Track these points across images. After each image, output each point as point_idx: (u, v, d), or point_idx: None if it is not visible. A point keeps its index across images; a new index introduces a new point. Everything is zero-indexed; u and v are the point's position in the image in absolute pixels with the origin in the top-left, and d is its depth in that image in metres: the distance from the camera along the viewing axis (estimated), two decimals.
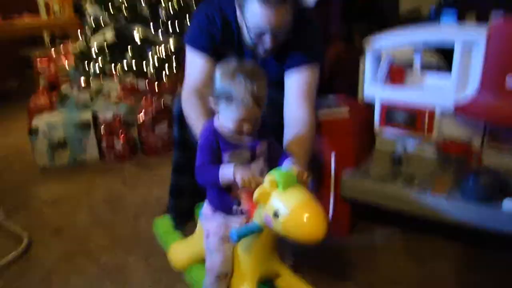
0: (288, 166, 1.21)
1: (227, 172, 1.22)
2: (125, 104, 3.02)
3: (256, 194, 1.13)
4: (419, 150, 1.85)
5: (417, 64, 1.77)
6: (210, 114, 1.36)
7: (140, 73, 3.24)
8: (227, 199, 1.30)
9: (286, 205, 1.08)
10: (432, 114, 1.68)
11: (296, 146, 1.46)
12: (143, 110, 2.94)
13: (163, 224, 1.80)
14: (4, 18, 4.43)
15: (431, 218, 1.61)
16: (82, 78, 3.30)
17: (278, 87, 1.65)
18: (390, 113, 1.77)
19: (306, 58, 1.61)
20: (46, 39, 5.10)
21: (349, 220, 1.90)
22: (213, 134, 1.28)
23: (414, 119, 1.72)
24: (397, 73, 1.76)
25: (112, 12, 3.28)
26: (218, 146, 1.27)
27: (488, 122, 1.67)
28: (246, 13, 1.47)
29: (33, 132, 2.79)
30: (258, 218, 1.18)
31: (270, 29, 1.45)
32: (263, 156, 1.31)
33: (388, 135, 1.85)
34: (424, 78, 1.77)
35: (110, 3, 3.27)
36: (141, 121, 2.95)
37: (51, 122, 2.83)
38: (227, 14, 1.60)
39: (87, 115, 2.92)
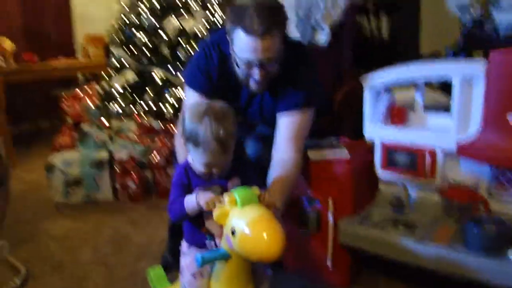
0: (255, 187, 1.18)
1: (191, 199, 1.21)
2: (140, 145, 3.05)
3: (215, 214, 1.11)
4: (422, 195, 1.76)
5: (419, 103, 1.72)
6: None
7: (158, 114, 3.30)
8: (199, 233, 1.29)
9: (242, 221, 1.06)
10: (434, 156, 1.61)
11: (275, 183, 1.44)
12: (156, 151, 2.96)
13: (156, 273, 1.78)
14: (41, 60, 4.64)
15: (433, 269, 1.51)
16: (103, 118, 3.38)
17: (273, 126, 1.63)
18: (391, 155, 1.71)
19: (298, 102, 1.59)
20: (80, 80, 5.32)
21: (349, 269, 1.81)
22: (184, 172, 1.29)
23: (416, 162, 1.65)
24: (398, 112, 1.71)
25: (134, 54, 3.39)
26: (189, 182, 1.27)
27: (493, 164, 1.58)
28: (234, 44, 1.47)
29: (49, 168, 2.85)
30: (224, 243, 1.15)
31: (257, 59, 1.44)
32: None
33: (390, 179, 1.78)
34: (427, 117, 1.72)
35: (132, 45, 3.38)
36: (155, 162, 2.96)
37: (67, 159, 2.89)
38: (224, 48, 1.60)
39: (103, 154, 2.96)
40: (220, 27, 3.30)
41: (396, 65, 1.73)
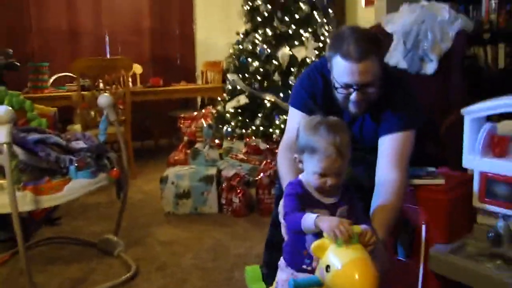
0: (357, 226, 1.18)
1: (310, 218, 1.20)
2: (248, 164, 3.23)
3: (313, 246, 1.15)
4: None
5: None
6: (300, 171, 1.39)
7: (266, 136, 3.45)
8: (298, 255, 1.31)
9: (338, 260, 1.09)
10: None
11: (380, 211, 1.47)
12: (262, 171, 3.10)
13: (253, 272, 1.87)
14: (165, 84, 5.09)
15: None
16: (215, 138, 3.63)
17: (375, 152, 1.67)
18: (490, 187, 1.66)
19: (399, 123, 1.63)
20: (199, 102, 5.74)
21: None
22: (299, 185, 1.32)
23: None
24: (499, 143, 1.66)
25: (247, 79, 3.60)
26: (303, 198, 1.29)
27: None
28: (334, 69, 1.56)
29: (163, 180, 3.12)
30: (318, 272, 1.18)
31: (355, 83, 1.52)
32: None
33: (489, 211, 1.72)
34: None
35: (246, 72, 3.60)
36: (259, 181, 3.10)
37: (179, 173, 3.13)
38: (327, 73, 1.68)
39: (212, 171, 3.18)
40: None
41: (500, 96, 1.70)
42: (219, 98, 4.01)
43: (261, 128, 3.48)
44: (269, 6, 3.59)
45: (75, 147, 2.18)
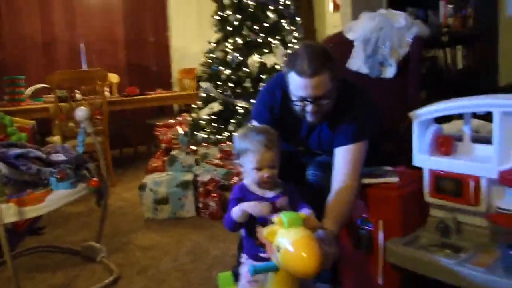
0: (302, 213, 1.38)
1: (236, 209, 1.46)
2: (222, 169, 3.36)
3: (264, 231, 1.32)
4: (470, 221, 1.84)
5: (466, 134, 1.83)
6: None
7: None
8: (253, 246, 1.51)
9: (286, 240, 1.25)
10: (478, 185, 1.71)
11: (332, 206, 1.66)
12: (236, 175, 3.24)
13: (225, 278, 2.00)
14: (141, 92, 5.20)
15: None
16: (191, 144, 3.75)
17: (331, 154, 1.83)
18: (439, 183, 1.82)
19: (352, 136, 1.78)
20: (175, 110, 5.85)
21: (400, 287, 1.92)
22: (240, 189, 1.54)
23: (461, 190, 1.75)
24: (445, 143, 1.83)
25: (220, 87, 3.74)
26: (243, 199, 1.50)
27: None
28: (289, 84, 1.71)
29: (142, 187, 3.23)
30: (272, 256, 1.33)
31: (309, 96, 1.67)
32: (284, 210, 1.47)
33: (439, 205, 1.89)
34: (473, 148, 1.82)
35: (218, 79, 3.74)
36: (234, 183, 3.24)
37: (157, 180, 3.26)
38: (285, 87, 1.81)
39: (188, 176, 3.30)
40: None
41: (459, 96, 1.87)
42: (193, 106, 4.14)
43: (235, 134, 3.62)
44: (238, 16, 3.74)
45: (55, 159, 2.29)
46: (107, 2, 5.32)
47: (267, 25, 3.72)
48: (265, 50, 3.68)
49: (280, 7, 3.78)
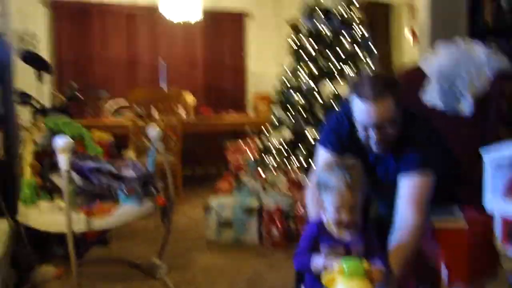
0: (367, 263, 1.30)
1: (319, 261, 1.39)
2: (288, 197, 3.32)
3: (323, 278, 1.26)
4: None
5: None
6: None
7: (308, 170, 3.55)
8: (319, 285, 1.40)
9: None
10: None
11: (395, 249, 1.56)
12: (301, 204, 3.19)
13: None
14: (215, 113, 5.31)
15: None
16: (259, 169, 3.76)
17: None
18: None
19: (417, 164, 1.69)
20: (248, 133, 5.89)
21: None
22: (317, 227, 1.47)
23: None
24: None
25: (292, 113, 3.73)
26: (318, 239, 1.44)
27: None
28: (354, 110, 1.67)
29: (206, 209, 3.27)
30: None
31: (373, 123, 1.62)
32: (359, 257, 1.40)
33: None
34: None
35: (291, 105, 3.74)
36: (299, 214, 3.19)
37: (223, 202, 3.28)
38: (351, 114, 1.77)
39: (254, 202, 3.30)
40: None
41: None
42: (265, 130, 4.15)
43: (304, 163, 3.58)
44: (314, 44, 3.72)
45: (125, 175, 2.36)
46: (188, 26, 5.51)
47: (342, 53, 3.68)
48: (339, 79, 3.63)
49: (357, 36, 3.73)
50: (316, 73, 3.69)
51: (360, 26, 3.79)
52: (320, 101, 3.63)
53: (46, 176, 2.34)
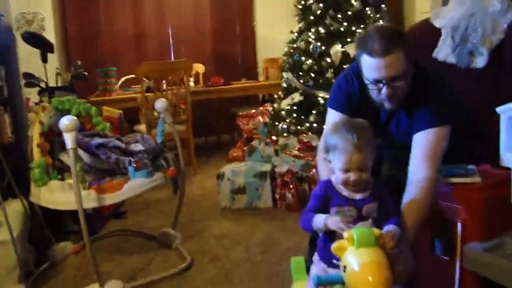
0: (386, 228, 1.29)
1: (320, 219, 1.34)
2: (301, 160, 3.32)
3: (333, 246, 1.23)
4: None
5: None
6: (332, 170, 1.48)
7: (321, 133, 3.52)
8: (329, 251, 1.34)
9: (354, 261, 1.16)
10: None
11: (408, 208, 1.51)
12: (314, 167, 3.19)
13: (298, 263, 1.96)
14: (226, 82, 5.27)
15: None
16: (271, 135, 3.75)
17: (408, 148, 1.71)
18: None
19: (431, 120, 1.64)
20: (260, 98, 5.87)
21: None
22: (326, 186, 1.42)
23: None
24: None
25: (301, 77, 3.69)
26: (329, 198, 1.39)
27: None
28: (362, 67, 1.62)
29: (220, 176, 3.29)
30: (341, 270, 1.24)
31: (383, 78, 1.56)
32: (372, 217, 1.39)
33: None
34: None
35: (300, 69, 3.69)
36: (312, 176, 3.19)
37: (235, 169, 3.29)
38: (361, 72, 1.70)
39: (266, 167, 3.30)
40: None
41: None
42: (275, 96, 4.12)
43: (315, 125, 3.56)
44: (321, 5, 3.64)
45: (134, 149, 2.38)
46: None
47: (350, 13, 3.59)
48: (348, 40, 3.56)
49: None
50: (325, 35, 3.61)
51: None
52: (330, 62, 3.56)
53: (55, 156, 2.38)
